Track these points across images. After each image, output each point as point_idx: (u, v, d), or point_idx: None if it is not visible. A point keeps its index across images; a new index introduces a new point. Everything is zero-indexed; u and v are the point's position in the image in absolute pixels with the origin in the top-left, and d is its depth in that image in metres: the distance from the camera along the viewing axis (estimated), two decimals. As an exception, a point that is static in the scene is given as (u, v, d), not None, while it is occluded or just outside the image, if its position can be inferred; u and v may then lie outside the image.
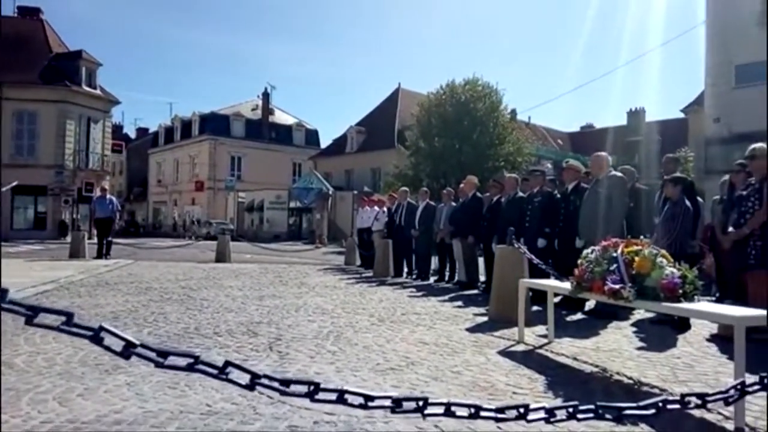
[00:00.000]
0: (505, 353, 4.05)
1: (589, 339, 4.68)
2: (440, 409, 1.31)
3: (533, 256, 5.27)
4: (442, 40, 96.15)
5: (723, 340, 4.39)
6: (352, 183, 36.29)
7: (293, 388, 1.26)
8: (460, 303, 6.75)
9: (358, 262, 12.70)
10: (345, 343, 4.24)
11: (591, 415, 1.37)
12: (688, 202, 5.42)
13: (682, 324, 5.08)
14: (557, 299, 6.18)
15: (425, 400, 1.30)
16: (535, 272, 5.47)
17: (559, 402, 2.49)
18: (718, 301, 5.71)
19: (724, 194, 5.82)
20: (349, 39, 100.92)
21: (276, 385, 1.24)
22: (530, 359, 3.89)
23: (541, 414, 1.35)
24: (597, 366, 3.75)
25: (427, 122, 25.20)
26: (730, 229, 4.92)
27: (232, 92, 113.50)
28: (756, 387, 1.52)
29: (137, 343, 1.20)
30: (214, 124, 44.59)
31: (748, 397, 2.92)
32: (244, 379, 1.27)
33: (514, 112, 34.91)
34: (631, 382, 3.38)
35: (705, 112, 18.71)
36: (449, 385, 3.19)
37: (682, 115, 28.23)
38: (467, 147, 24.03)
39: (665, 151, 26.16)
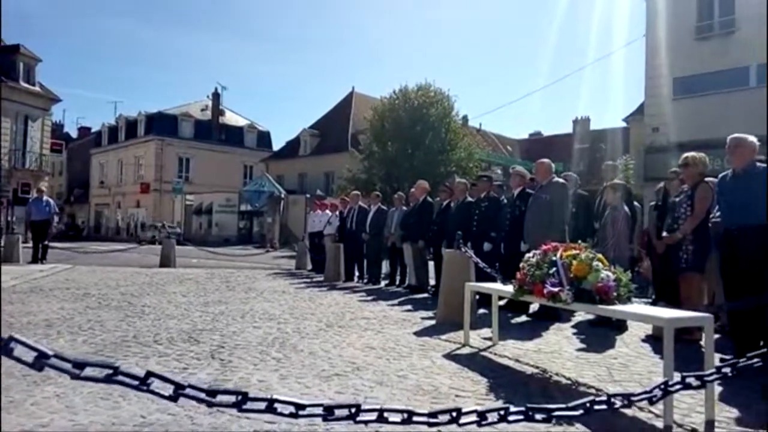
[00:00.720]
0: (450, 356, 4.10)
1: (532, 341, 4.79)
2: (373, 416, 1.30)
3: (479, 260, 5.36)
4: (396, 44, 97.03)
5: (657, 340, 4.59)
6: (305, 186, 35.96)
7: (220, 398, 1.22)
8: (409, 307, 6.78)
9: (310, 267, 12.58)
10: (290, 350, 4.18)
11: (521, 417, 1.39)
12: (626, 208, 5.64)
13: (619, 325, 5.29)
14: (503, 302, 6.32)
15: (357, 407, 1.29)
16: (482, 276, 5.57)
17: (500, 404, 2.53)
18: (654, 302, 5.96)
19: (659, 200, 6.09)
20: (303, 40, 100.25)
21: (201, 395, 1.20)
22: (474, 362, 3.94)
23: (473, 417, 1.36)
24: (538, 367, 3.84)
25: (380, 127, 25.31)
26: (665, 234, 5.16)
27: (180, 92, 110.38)
28: (678, 386, 1.58)
29: (50, 353, 1.13)
30: (161, 125, 43.25)
31: (677, 395, 3.08)
32: (169, 390, 1.22)
33: (465, 118, 35.57)
34: (569, 382, 3.48)
35: (645, 122, 19.62)
36: (394, 389, 3.19)
37: (624, 124, 29.46)
38: (420, 152, 24.26)
39: (609, 158, 27.24)
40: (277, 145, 46.08)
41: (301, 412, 1.25)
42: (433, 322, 5.61)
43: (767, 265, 3.71)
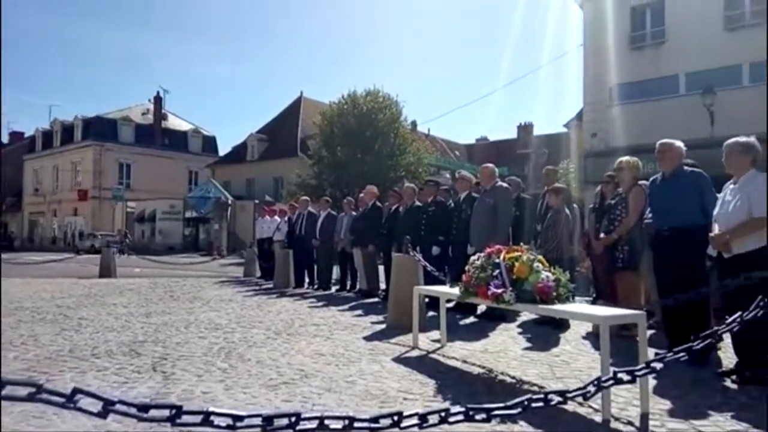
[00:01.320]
0: (399, 360, 4.12)
1: (479, 341, 4.88)
2: (313, 424, 1.29)
3: (427, 263, 5.42)
4: (345, 49, 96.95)
5: (597, 337, 4.77)
6: (254, 192, 35.33)
7: (153, 413, 1.18)
8: (359, 312, 6.77)
9: (258, 274, 12.36)
10: (237, 360, 4.09)
11: (462, 417, 1.41)
12: (567, 210, 5.85)
13: (561, 324, 5.46)
14: (451, 304, 6.42)
15: (298, 415, 1.28)
16: (431, 279, 5.63)
17: (446, 405, 2.56)
18: (594, 301, 6.20)
19: (596, 203, 6.35)
20: (250, 43, 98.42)
21: (132, 411, 1.15)
22: (423, 364, 3.98)
23: (414, 420, 1.37)
24: (484, 367, 3.92)
25: (329, 132, 25.24)
26: (602, 235, 5.38)
27: (120, 95, 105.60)
28: (610, 382, 1.65)
29: (-35, 374, 1.06)
30: (100, 129, 41.49)
31: (615, 390, 3.21)
32: (98, 406, 1.17)
33: (414, 123, 35.95)
34: (513, 381, 3.57)
35: (584, 128, 20.44)
36: (342, 395, 3.17)
37: (565, 130, 30.59)
38: (369, 157, 24.36)
39: (551, 163, 28.19)
40: (224, 150, 45.12)
41: (238, 424, 1.22)
42: (383, 326, 5.63)
43: (697, 264, 3.93)
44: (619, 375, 1.66)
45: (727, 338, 3.75)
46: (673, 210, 3.98)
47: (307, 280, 10.14)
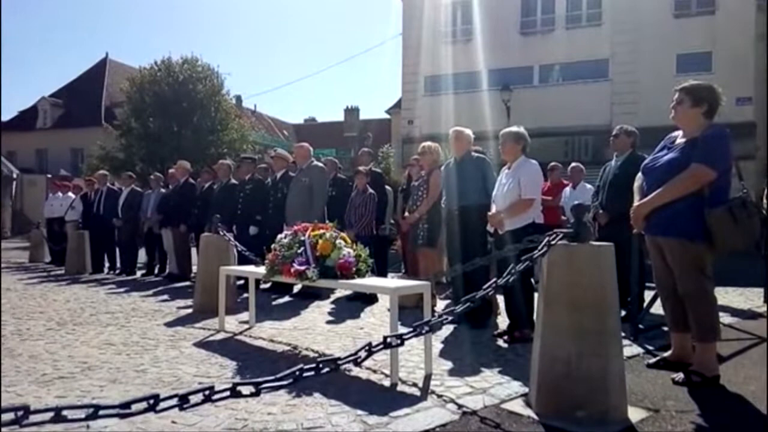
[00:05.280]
0: (201, 344, 3.95)
1: (290, 320, 4.91)
2: (47, 416, 1.15)
3: (237, 243, 5.26)
4: (160, 10, 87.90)
5: (402, 309, 5.12)
6: (46, 165, 30.74)
7: None
8: (166, 297, 6.34)
9: (48, 259, 10.84)
10: (5, 355, 3.53)
11: (227, 394, 1.38)
12: (371, 190, 6.12)
13: (370, 298, 5.75)
14: (268, 285, 6.34)
15: (26, 408, 1.13)
16: (245, 259, 5.47)
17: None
18: (405, 275, 6.64)
19: (404, 185, 6.78)
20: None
21: None
22: (227, 347, 3.87)
23: (174, 402, 1.31)
24: (290, 344, 3.95)
25: (139, 100, 22.88)
26: (406, 214, 5.76)
27: None
28: (380, 347, 1.76)
29: None
30: None
31: (406, 355, 3.48)
32: None
33: (239, 98, 34.52)
34: (316, 355, 3.65)
35: (402, 115, 21.64)
36: (128, 386, 2.93)
37: (387, 116, 32.07)
38: (187, 131, 22.70)
39: (376, 147, 29.42)
40: (7, 114, 38.34)
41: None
42: (190, 311, 5.34)
43: (479, 239, 4.42)
44: (389, 340, 1.78)
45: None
46: (462, 191, 4.41)
47: (107, 264, 9.17)
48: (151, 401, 1.27)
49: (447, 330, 4.36)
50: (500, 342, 4.00)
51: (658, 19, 17.42)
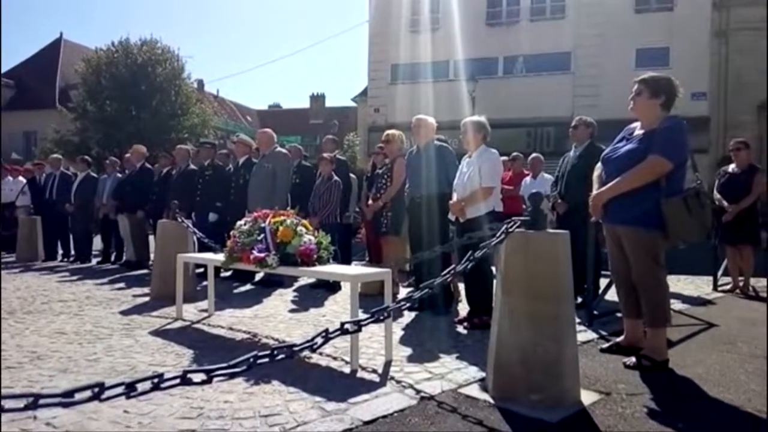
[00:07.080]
0: (158, 333, 3.85)
1: (251, 308, 4.84)
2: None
3: (196, 230, 5.15)
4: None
5: (364, 297, 5.12)
6: (-4, 148, 29.36)
7: None
8: (122, 285, 6.16)
9: (-3, 246, 10.38)
10: (-54, 346, 3.37)
11: (177, 381, 1.35)
12: (336, 178, 6.07)
13: (333, 286, 5.73)
14: (229, 272, 6.24)
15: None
16: (204, 247, 5.36)
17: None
18: (369, 263, 6.62)
19: (368, 172, 6.75)
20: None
21: None
22: (184, 335, 3.79)
23: (120, 390, 1.26)
24: (250, 332, 3.90)
25: (95, 82, 22.06)
26: (370, 202, 5.74)
27: None
28: (337, 333, 1.75)
29: None
30: None
31: (366, 342, 3.48)
32: None
33: (201, 82, 33.69)
34: (275, 343, 3.62)
35: (368, 103, 21.52)
36: (80, 375, 2.84)
37: (354, 104, 31.89)
38: (146, 114, 22.05)
39: (342, 135, 29.22)
40: (-47, 94, 36.34)
41: None
42: (147, 299, 5.21)
43: (441, 227, 4.45)
44: (346, 326, 1.77)
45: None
46: (424, 180, 4.42)
47: (60, 251, 8.86)
48: (96, 389, 1.22)
49: (408, 317, 4.38)
50: (460, 328, 4.05)
51: (620, 14, 17.81)
